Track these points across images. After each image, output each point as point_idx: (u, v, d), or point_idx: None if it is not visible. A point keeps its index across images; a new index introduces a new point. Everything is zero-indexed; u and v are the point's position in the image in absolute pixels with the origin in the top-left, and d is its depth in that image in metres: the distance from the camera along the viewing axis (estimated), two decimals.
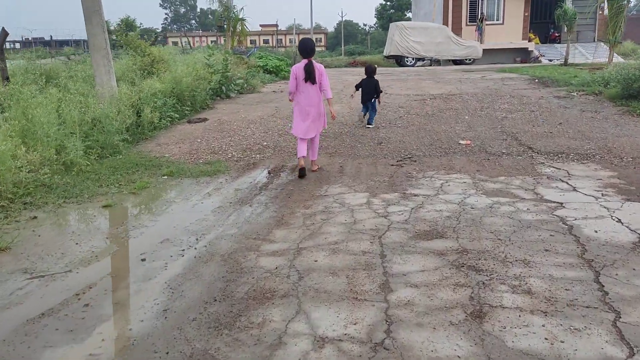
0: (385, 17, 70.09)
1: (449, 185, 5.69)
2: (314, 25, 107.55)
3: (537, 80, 14.77)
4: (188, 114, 10.53)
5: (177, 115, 10.06)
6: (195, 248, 4.14)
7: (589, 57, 27.80)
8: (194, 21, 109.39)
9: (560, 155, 6.84)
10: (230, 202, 5.38)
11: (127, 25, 79.31)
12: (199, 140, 8.42)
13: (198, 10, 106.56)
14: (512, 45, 29.90)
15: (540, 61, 28.29)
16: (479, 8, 30.37)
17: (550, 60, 28.34)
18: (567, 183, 5.60)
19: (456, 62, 28.64)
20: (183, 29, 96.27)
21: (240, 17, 15.50)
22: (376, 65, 11.26)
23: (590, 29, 30.38)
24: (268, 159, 7.33)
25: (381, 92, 9.27)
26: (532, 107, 10.29)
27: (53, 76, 10.35)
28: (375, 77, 9.24)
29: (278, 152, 7.64)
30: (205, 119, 10.15)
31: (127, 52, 12.97)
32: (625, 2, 14.42)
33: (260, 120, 9.90)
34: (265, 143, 8.16)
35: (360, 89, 9.23)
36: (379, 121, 9.45)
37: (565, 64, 22.56)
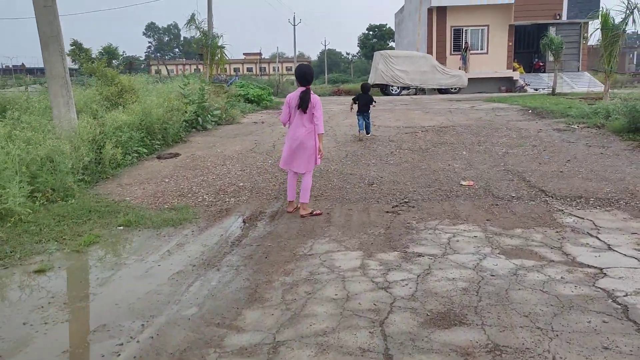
0: (368, 46, 70.25)
1: (457, 240, 4.73)
2: (297, 53, 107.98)
3: (530, 111, 14.07)
4: (158, 149, 9.52)
5: (146, 151, 9.04)
6: (137, 341, 3.10)
7: (574, 86, 27.48)
8: (177, 49, 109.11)
9: (578, 201, 5.94)
10: (194, 265, 4.34)
11: (109, 53, 78.28)
12: (166, 180, 7.39)
13: (182, 38, 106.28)
14: (497, 75, 29.56)
15: (525, 90, 27.90)
16: (463, 37, 30.07)
17: (536, 90, 27.96)
18: (598, 238, 4.68)
19: (441, 91, 28.12)
20: (165, 58, 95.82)
21: (220, 44, 14.65)
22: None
23: (574, 59, 30.18)
24: (244, 203, 6.32)
25: (375, 102, 10.80)
26: (533, 142, 9.47)
27: (10, 108, 9.30)
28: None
29: (256, 195, 6.64)
30: (176, 154, 9.14)
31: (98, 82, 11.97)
32: (621, 30, 13.84)
33: (237, 156, 8.91)
34: (241, 184, 7.16)
35: (357, 102, 10.50)
36: (369, 157, 8.54)
37: (553, 93, 22.06)
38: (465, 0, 28.68)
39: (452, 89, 27.75)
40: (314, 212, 5.72)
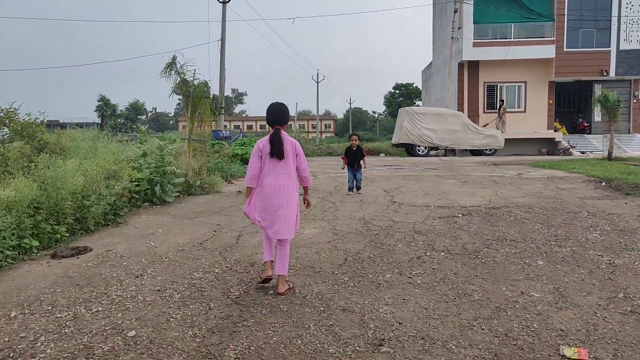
0: (394, 105, 67.82)
1: None
2: (323, 112, 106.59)
3: (603, 183, 10.44)
4: (66, 239, 6.21)
5: (37, 244, 5.74)
6: None
7: (626, 149, 23.70)
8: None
9: None
10: None
11: (136, 109, 77.70)
12: (12, 314, 4.01)
13: (211, 95, 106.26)
14: (537, 135, 26.03)
15: (571, 153, 24.21)
16: (498, 94, 26.81)
17: (583, 153, 24.25)
18: None
19: (474, 152, 24.66)
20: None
21: (205, 94, 11.61)
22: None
23: (624, 119, 26.48)
24: None
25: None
26: None
27: None
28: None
29: None
30: (84, 250, 5.80)
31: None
32: None
33: (173, 256, 5.52)
34: (132, 333, 3.70)
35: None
36: (381, 267, 5.04)
37: (610, 158, 18.36)
38: (500, 54, 25.61)
39: (486, 150, 24.27)
40: (292, 287, 4.45)
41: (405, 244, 5.84)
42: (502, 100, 26.11)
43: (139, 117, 76.13)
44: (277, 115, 4.49)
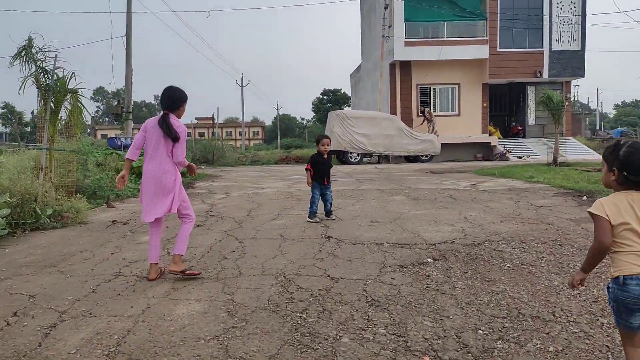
0: (323, 111, 65.83)
1: None
2: (250, 118, 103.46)
3: (584, 197, 8.33)
4: None
5: None
6: None
7: (562, 153, 22.50)
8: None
9: None
10: None
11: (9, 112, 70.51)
12: None
13: (132, 102, 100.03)
14: (472, 140, 24.43)
15: (507, 158, 22.74)
16: (431, 97, 25.03)
17: (520, 157, 22.84)
18: None
19: (409, 158, 22.64)
20: (114, 122, 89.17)
21: (69, 85, 8.38)
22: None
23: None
24: None
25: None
26: None
27: None
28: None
29: None
30: None
31: None
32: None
33: None
34: None
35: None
36: None
37: (555, 163, 16.78)
38: (433, 54, 23.81)
39: (422, 156, 22.31)
40: (188, 272, 4.33)
41: (356, 336, 3.15)
42: (422, 106, 24.36)
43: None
44: (167, 97, 4.38)
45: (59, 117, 8.44)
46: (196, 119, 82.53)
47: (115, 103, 22.62)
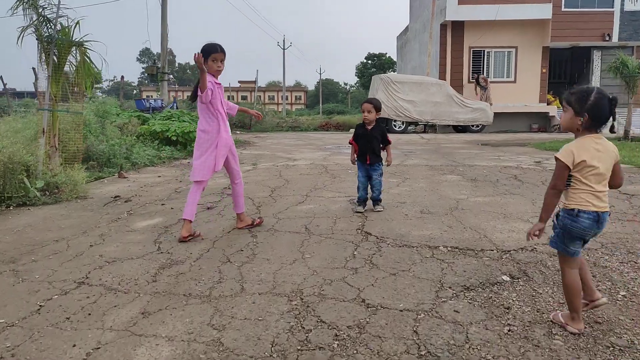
0: (367, 76, 63.54)
1: None
2: (293, 82, 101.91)
3: None
4: None
5: None
6: None
7: (635, 128, 20.20)
8: (172, 75, 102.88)
9: None
10: None
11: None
12: None
13: (176, 65, 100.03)
14: (527, 109, 22.33)
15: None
16: (485, 61, 22.91)
17: None
18: None
19: (457, 128, 20.88)
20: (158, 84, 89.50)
21: (74, 37, 7.18)
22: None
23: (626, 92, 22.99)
24: None
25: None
26: None
27: None
28: None
29: None
30: None
31: None
32: None
33: None
34: None
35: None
36: None
37: (627, 137, 14.79)
38: (489, 14, 21.59)
39: (472, 126, 20.50)
40: (255, 222, 4.69)
41: None
42: (475, 73, 22.29)
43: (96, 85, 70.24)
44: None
45: (64, 74, 7.34)
46: (239, 82, 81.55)
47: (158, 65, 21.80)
